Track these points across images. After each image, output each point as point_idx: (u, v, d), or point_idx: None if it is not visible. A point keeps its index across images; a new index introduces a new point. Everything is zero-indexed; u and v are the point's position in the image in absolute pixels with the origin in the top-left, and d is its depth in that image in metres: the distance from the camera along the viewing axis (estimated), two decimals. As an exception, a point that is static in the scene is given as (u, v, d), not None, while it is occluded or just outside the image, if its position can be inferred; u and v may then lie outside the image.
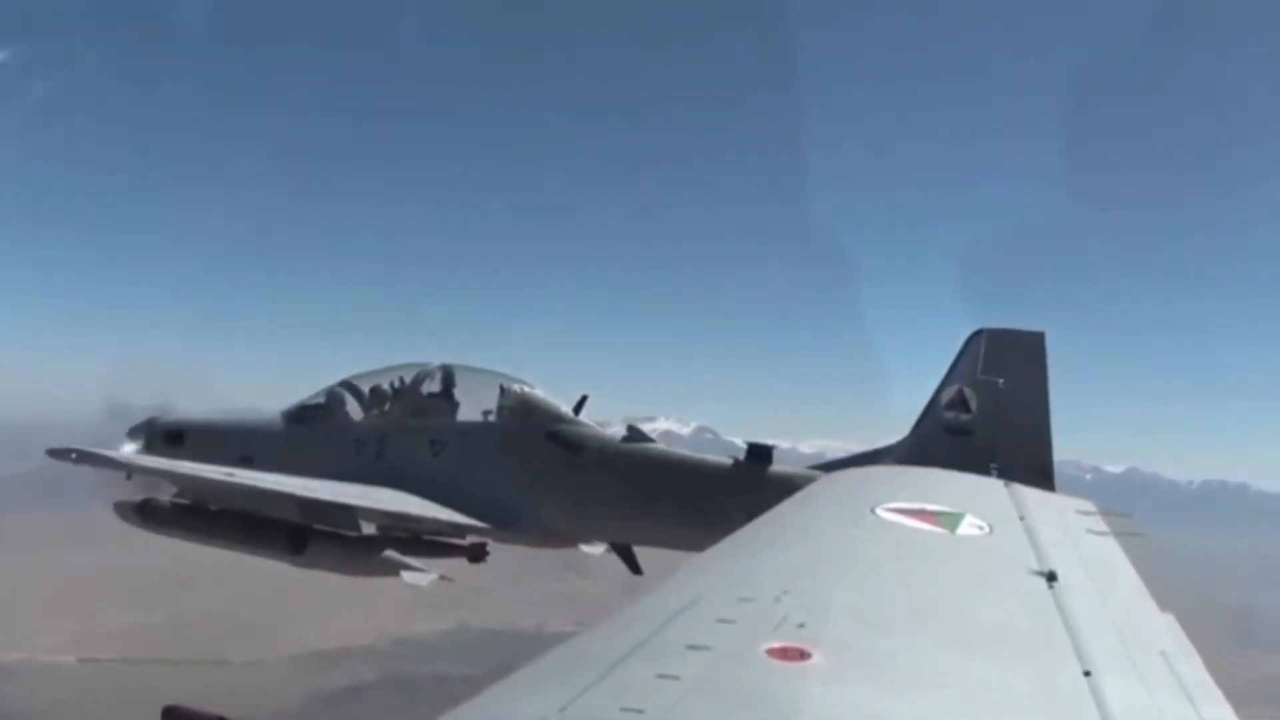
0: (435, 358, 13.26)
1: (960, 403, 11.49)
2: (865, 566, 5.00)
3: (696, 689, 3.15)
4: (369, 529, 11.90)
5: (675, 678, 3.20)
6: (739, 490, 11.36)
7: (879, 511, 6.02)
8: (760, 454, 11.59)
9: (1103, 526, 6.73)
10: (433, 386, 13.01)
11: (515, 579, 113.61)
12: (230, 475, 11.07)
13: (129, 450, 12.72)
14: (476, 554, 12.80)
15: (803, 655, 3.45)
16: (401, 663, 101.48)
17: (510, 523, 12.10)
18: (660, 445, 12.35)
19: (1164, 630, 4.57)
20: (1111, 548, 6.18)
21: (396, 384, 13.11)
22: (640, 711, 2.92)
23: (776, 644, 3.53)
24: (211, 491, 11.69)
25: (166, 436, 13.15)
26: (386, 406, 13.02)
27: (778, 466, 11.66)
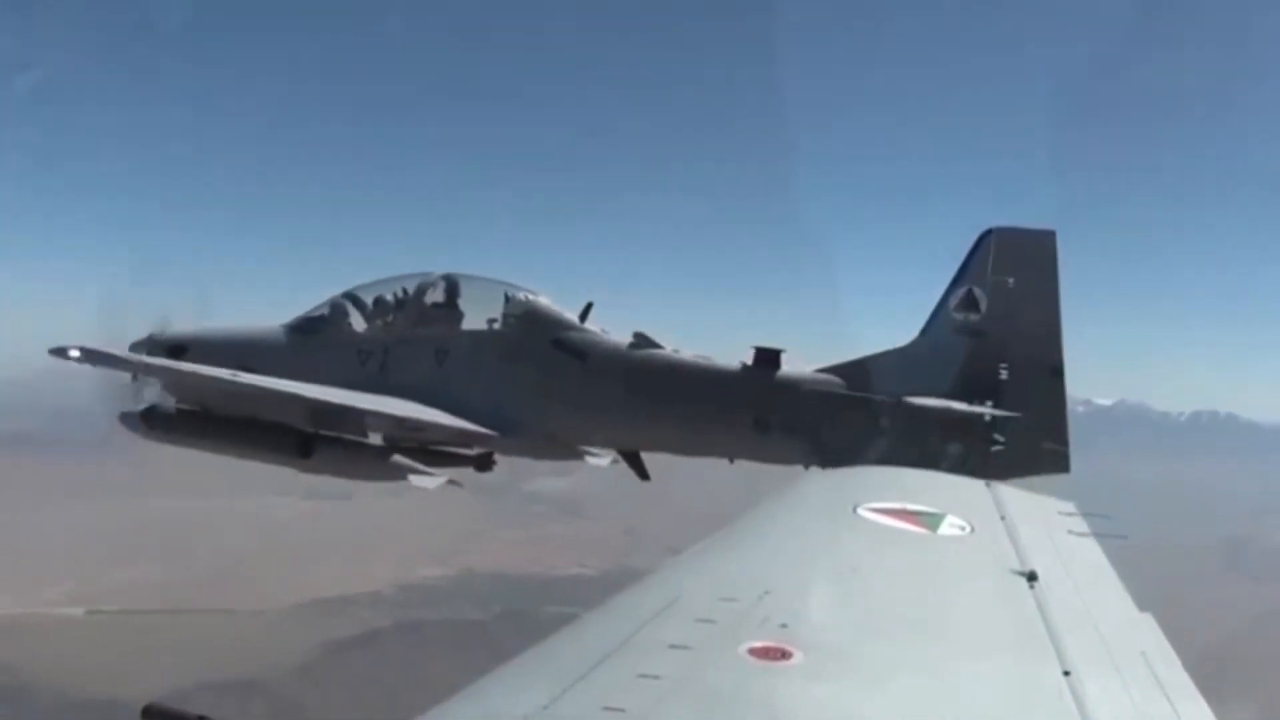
0: (436, 268, 13.07)
1: (970, 303, 11.37)
2: (847, 566, 5.01)
3: (678, 688, 3.15)
4: (376, 440, 11.80)
5: (656, 677, 3.20)
6: (747, 395, 11.31)
7: (861, 511, 6.03)
8: (768, 358, 11.52)
9: (1083, 527, 6.75)
10: (436, 296, 12.82)
11: (517, 523, 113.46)
12: (236, 376, 10.92)
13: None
14: (484, 464, 12.64)
15: (784, 655, 3.45)
16: (409, 609, 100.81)
17: (517, 430, 11.96)
18: (667, 351, 12.17)
19: (1143, 630, 4.59)
20: (1092, 548, 6.20)
21: (400, 294, 12.91)
22: (622, 710, 2.92)
23: (758, 644, 3.53)
24: (217, 396, 11.51)
25: (168, 351, 12.92)
26: (390, 317, 12.82)
27: (786, 370, 11.56)
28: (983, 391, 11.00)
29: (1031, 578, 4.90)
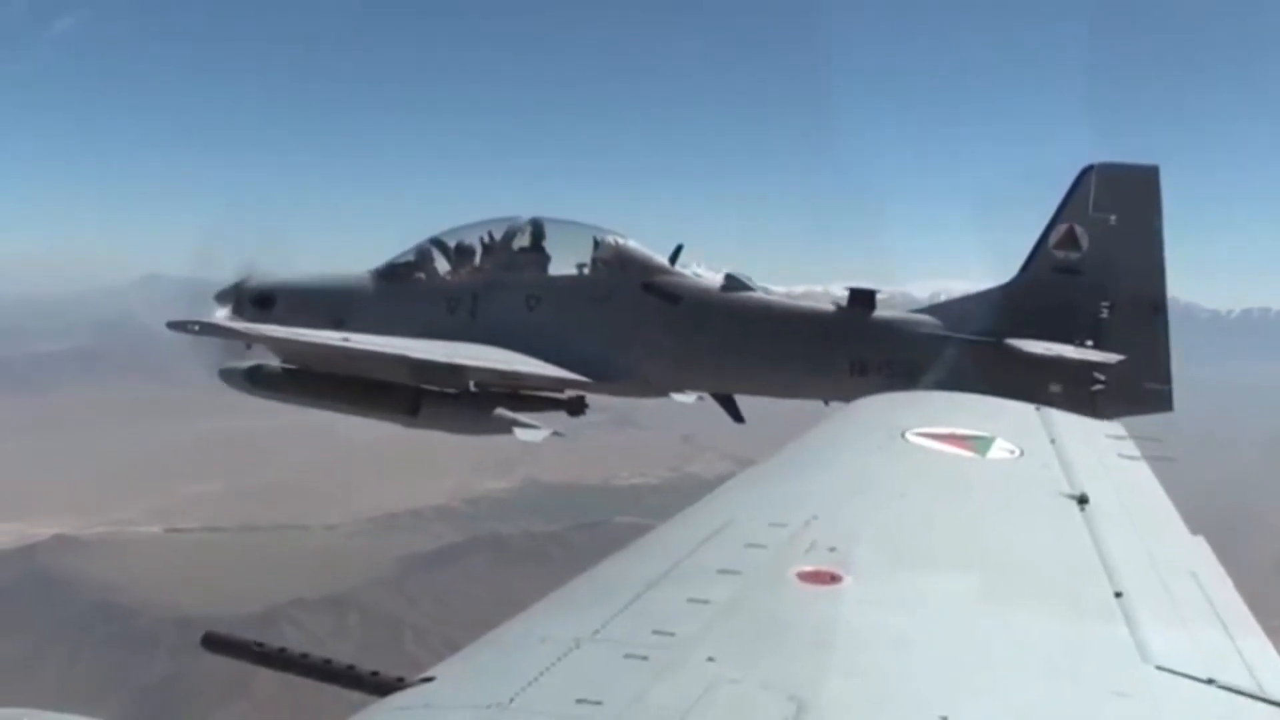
0: (520, 211, 12.98)
1: (1071, 241, 11.18)
2: (895, 491, 5.00)
3: (727, 613, 3.17)
4: (475, 391, 11.89)
5: (706, 601, 3.23)
6: (841, 336, 11.26)
7: (909, 436, 6.01)
8: (862, 299, 11.43)
9: (1134, 450, 6.69)
10: (523, 241, 12.77)
11: (573, 432, 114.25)
12: (347, 340, 11.02)
13: (220, 315, 12.59)
14: (575, 407, 12.65)
15: (833, 579, 3.47)
16: (480, 522, 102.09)
17: (610, 375, 11.96)
18: (760, 293, 12.07)
19: (1194, 552, 4.56)
20: (1142, 471, 6.15)
21: (487, 239, 12.87)
22: (671, 635, 2.95)
23: (807, 568, 3.55)
24: (323, 357, 11.61)
25: (256, 300, 12.95)
26: (478, 262, 12.82)
27: (881, 312, 11.47)
28: (1083, 330, 10.82)
29: (1082, 501, 4.88)
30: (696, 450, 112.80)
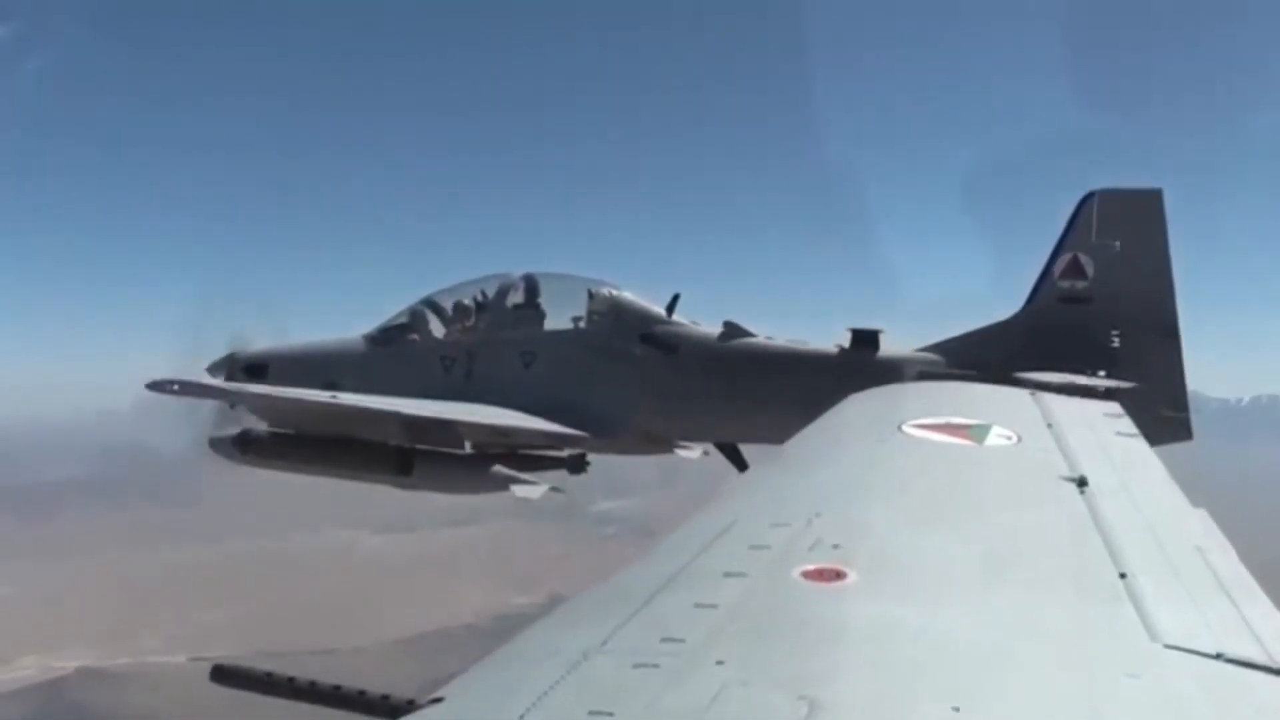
0: (510, 268, 12.87)
1: (1076, 269, 11.04)
2: (896, 484, 5.01)
3: (734, 616, 3.17)
4: (470, 450, 11.74)
5: (713, 606, 3.23)
6: (846, 378, 11.18)
7: (906, 428, 6.01)
8: (866, 339, 11.34)
9: (1131, 428, 6.71)
10: (517, 297, 12.67)
11: (592, 547, 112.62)
12: (335, 398, 10.87)
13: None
14: (576, 465, 12.51)
15: (838, 575, 3.47)
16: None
17: (610, 430, 11.82)
18: (760, 338, 11.95)
19: (1197, 526, 4.57)
20: (1141, 448, 6.17)
21: (480, 297, 12.76)
22: (681, 641, 2.95)
23: (811, 566, 3.55)
24: (311, 417, 11.46)
25: (249, 369, 12.87)
26: (471, 321, 12.68)
27: (886, 350, 11.38)
28: (1095, 360, 10.67)
29: (1082, 483, 4.89)
30: None
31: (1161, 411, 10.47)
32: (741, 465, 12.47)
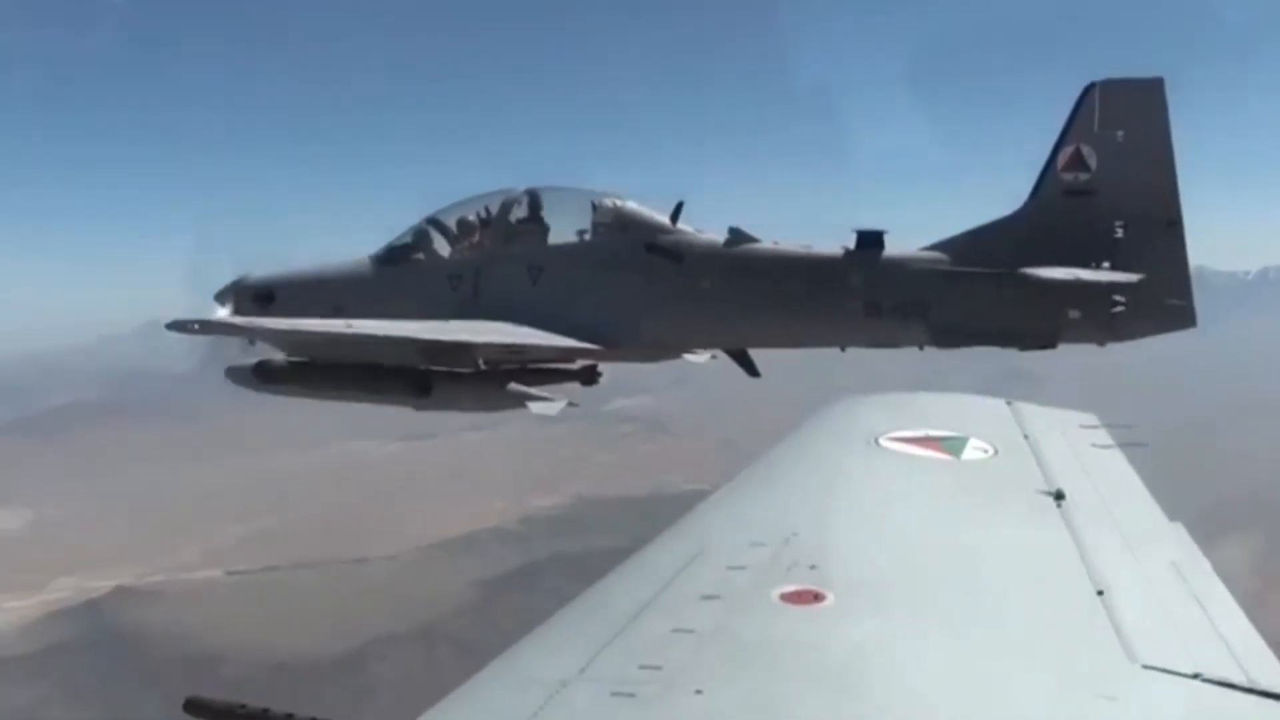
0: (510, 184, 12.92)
1: (1079, 162, 11.00)
2: (873, 501, 4.99)
3: (713, 640, 3.15)
4: (484, 367, 11.79)
5: (691, 630, 3.20)
6: (854, 280, 11.12)
7: (883, 441, 6.00)
8: (871, 240, 11.30)
9: (1107, 439, 6.72)
10: (521, 212, 12.64)
11: (609, 445, 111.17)
12: (350, 326, 10.89)
13: (220, 313, 12.48)
14: (588, 377, 12.53)
15: (816, 598, 3.45)
16: (539, 541, 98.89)
17: (620, 341, 11.81)
18: (766, 243, 11.94)
19: (1173, 541, 4.57)
20: (1117, 460, 6.17)
21: (484, 213, 12.73)
22: (658, 668, 2.92)
23: (790, 588, 3.53)
24: (327, 346, 11.47)
25: (256, 296, 12.83)
26: (477, 238, 12.66)
27: (892, 251, 11.37)
28: (1099, 252, 10.75)
29: (1059, 497, 4.88)
30: (740, 455, 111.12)
31: (1165, 300, 10.65)
32: (752, 371, 12.52)
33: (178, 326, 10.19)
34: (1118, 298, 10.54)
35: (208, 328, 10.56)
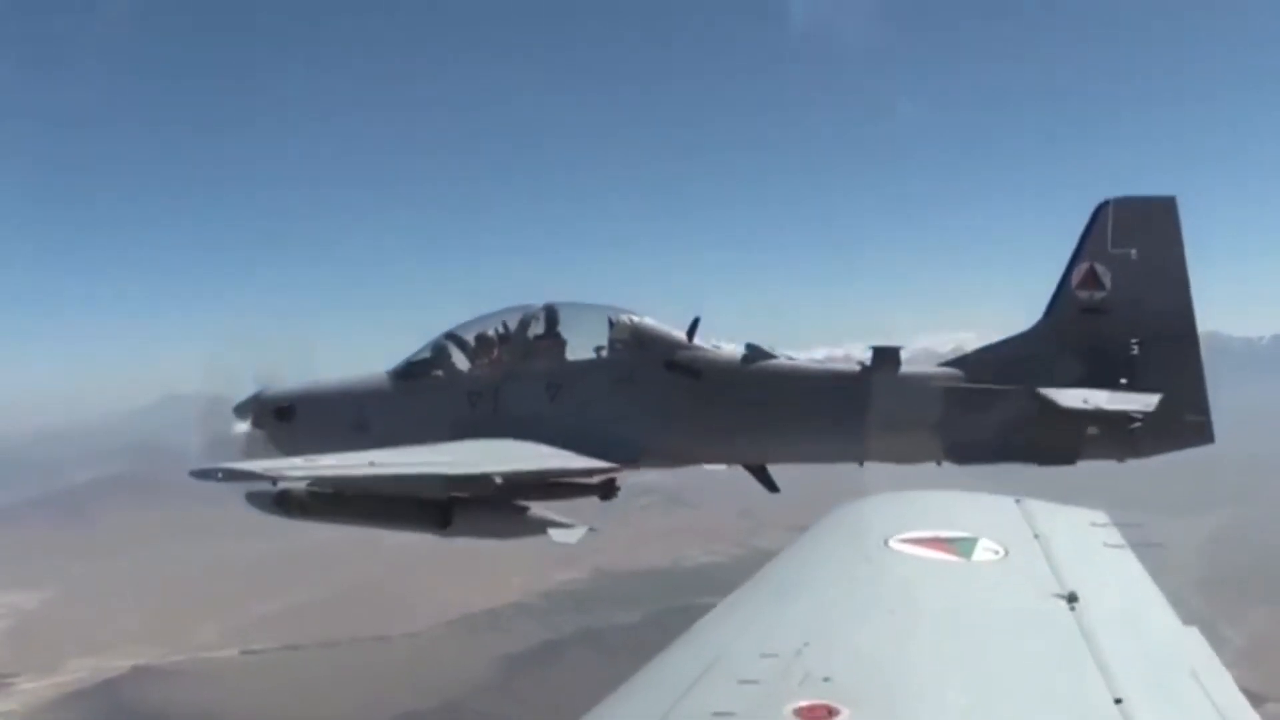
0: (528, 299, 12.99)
1: (1093, 280, 11.12)
2: (884, 607, 4.93)
3: None
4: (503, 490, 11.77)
5: None
6: (869, 396, 11.14)
7: (892, 544, 5.95)
8: (887, 356, 11.36)
9: (1118, 539, 6.66)
10: (539, 328, 12.71)
11: (626, 518, 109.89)
12: (372, 465, 10.89)
13: (240, 429, 12.48)
14: (607, 492, 12.47)
15: (830, 714, 3.40)
16: (561, 615, 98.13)
17: (639, 458, 11.85)
18: (783, 359, 12.04)
19: (1190, 646, 4.51)
20: (1129, 561, 6.11)
21: (501, 330, 12.81)
22: None
23: (803, 703, 3.47)
24: (352, 480, 11.51)
25: (276, 411, 12.90)
26: (495, 354, 12.75)
27: (909, 368, 11.42)
28: (1116, 370, 10.83)
29: (1071, 599, 4.83)
30: (758, 525, 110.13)
31: (1184, 416, 10.64)
32: (771, 486, 12.49)
33: (203, 475, 10.21)
34: (1135, 415, 10.57)
35: (232, 475, 10.56)
